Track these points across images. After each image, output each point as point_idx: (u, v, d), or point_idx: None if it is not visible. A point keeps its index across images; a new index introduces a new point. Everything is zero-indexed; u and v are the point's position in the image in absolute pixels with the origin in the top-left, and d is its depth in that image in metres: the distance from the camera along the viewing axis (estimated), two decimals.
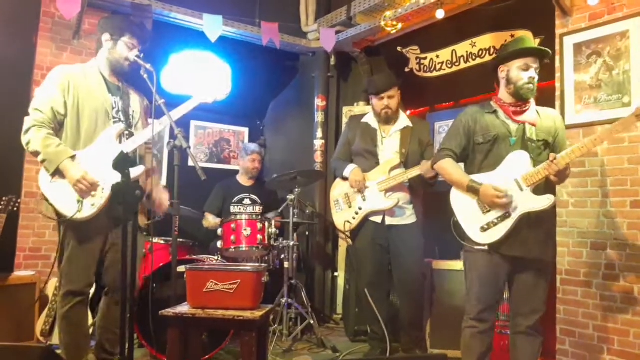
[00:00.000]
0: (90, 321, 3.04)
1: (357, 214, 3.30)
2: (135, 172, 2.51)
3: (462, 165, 2.54)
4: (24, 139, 2.43)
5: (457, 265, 3.30)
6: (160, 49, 4.32)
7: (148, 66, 2.53)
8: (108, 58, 2.61)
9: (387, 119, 3.31)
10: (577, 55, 3.07)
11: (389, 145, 3.31)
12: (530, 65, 2.36)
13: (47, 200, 2.43)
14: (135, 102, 2.73)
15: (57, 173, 2.40)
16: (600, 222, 2.89)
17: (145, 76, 2.54)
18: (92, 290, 2.70)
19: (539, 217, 2.32)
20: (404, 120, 3.35)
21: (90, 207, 2.42)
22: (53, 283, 3.36)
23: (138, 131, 2.68)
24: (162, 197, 2.70)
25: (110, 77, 2.64)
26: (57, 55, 3.81)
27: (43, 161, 2.40)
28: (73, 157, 2.41)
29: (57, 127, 2.48)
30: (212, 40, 4.01)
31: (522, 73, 2.36)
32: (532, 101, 2.45)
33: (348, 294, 3.97)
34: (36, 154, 2.42)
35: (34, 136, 2.40)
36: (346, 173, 3.34)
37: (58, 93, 2.46)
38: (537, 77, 2.38)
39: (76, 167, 2.39)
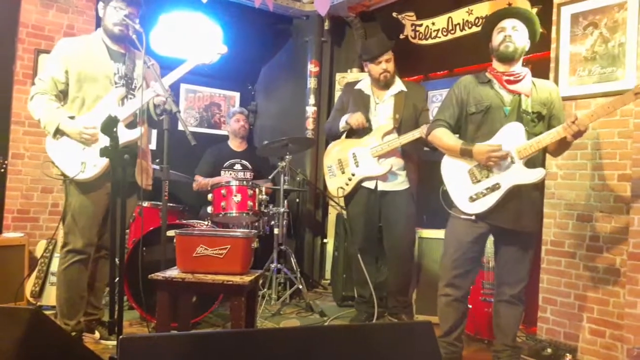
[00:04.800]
0: None
1: (350, 179, 3.31)
2: (131, 135, 2.51)
3: (457, 136, 2.54)
4: (30, 108, 2.57)
5: (443, 234, 3.33)
6: (150, 9, 4.17)
7: (137, 26, 2.50)
8: (104, 27, 2.65)
9: (387, 83, 3.27)
10: (574, 26, 3.03)
11: (383, 110, 3.28)
12: (504, 27, 2.39)
13: (52, 162, 2.53)
14: (139, 66, 2.72)
15: (58, 134, 2.51)
16: (587, 195, 2.92)
17: (134, 37, 2.50)
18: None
19: (527, 188, 2.34)
20: (398, 84, 3.31)
21: (92, 168, 2.49)
22: (42, 245, 3.36)
23: (138, 93, 2.67)
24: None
25: (112, 45, 2.66)
26: (43, 12, 3.69)
27: (44, 126, 2.51)
28: (72, 118, 2.52)
29: (60, 95, 2.58)
30: (204, 0, 3.89)
31: (497, 35, 2.40)
32: (528, 72, 2.43)
33: (336, 260, 4.03)
34: (39, 121, 2.53)
35: (36, 103, 2.53)
36: (343, 122, 3.28)
37: (59, 63, 2.57)
38: (515, 36, 2.38)
39: (75, 122, 2.51)
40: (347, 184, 3.31)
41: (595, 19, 2.94)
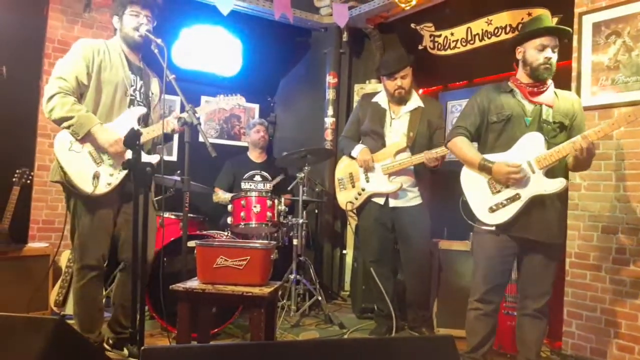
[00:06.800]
0: (103, 293, 3.11)
1: (359, 194, 3.30)
2: (151, 160, 2.54)
3: (476, 144, 2.52)
4: (47, 106, 2.43)
5: (464, 245, 3.30)
6: (172, 23, 4.28)
7: (159, 41, 2.51)
8: (122, 36, 2.62)
9: (401, 99, 3.26)
10: (596, 35, 2.99)
11: (398, 126, 3.27)
12: (546, 45, 2.31)
13: (61, 167, 2.44)
14: (155, 85, 2.74)
15: (85, 138, 2.43)
16: (612, 206, 2.86)
17: (156, 51, 2.53)
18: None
19: (550, 199, 2.31)
20: (415, 100, 3.30)
21: (105, 186, 2.46)
22: (66, 255, 3.42)
23: (155, 114, 2.69)
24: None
25: (130, 55, 2.64)
26: (68, 28, 3.80)
27: (70, 126, 2.41)
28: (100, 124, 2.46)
29: (79, 98, 2.50)
30: (224, 14, 3.96)
31: (537, 54, 2.32)
32: (551, 82, 2.40)
33: (356, 271, 4.00)
34: (63, 120, 2.41)
35: (60, 102, 2.41)
36: (354, 153, 3.32)
37: (82, 64, 2.48)
38: (554, 57, 2.33)
39: (109, 131, 2.45)
40: (356, 199, 3.31)
41: (617, 28, 2.89)
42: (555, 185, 2.27)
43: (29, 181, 3.43)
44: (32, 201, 3.68)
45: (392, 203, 3.24)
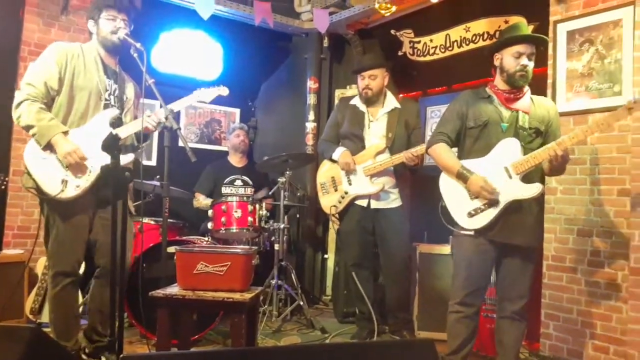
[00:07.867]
0: (80, 300, 3.05)
1: (343, 197, 3.32)
2: (125, 159, 2.50)
3: (456, 150, 2.55)
4: (15, 113, 2.41)
5: (444, 249, 3.33)
6: (151, 27, 4.25)
7: (138, 45, 2.49)
8: (99, 40, 2.58)
9: (368, 100, 3.30)
10: (570, 42, 3.07)
11: (376, 128, 3.30)
12: (523, 53, 2.36)
13: (29, 173, 2.42)
14: (130, 89, 2.70)
15: (48, 147, 2.39)
16: (587, 210, 2.93)
17: (135, 55, 2.50)
18: (81, 270, 2.70)
19: (527, 203, 2.35)
20: (392, 102, 3.34)
21: (74, 189, 2.41)
22: (42, 261, 3.36)
23: (127, 118, 2.65)
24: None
25: (106, 59, 2.60)
26: (45, 31, 3.73)
27: (34, 135, 2.39)
28: (65, 133, 2.41)
29: (50, 102, 2.46)
30: (205, 18, 3.94)
31: (514, 61, 2.36)
32: (527, 89, 2.45)
33: (337, 276, 4.01)
34: (28, 127, 2.40)
35: (26, 110, 2.38)
36: (335, 155, 3.34)
37: (54, 68, 2.44)
38: (531, 65, 2.38)
39: (68, 141, 2.40)
40: (339, 202, 3.33)
41: (591, 36, 2.98)
42: (532, 190, 2.31)
43: (3, 187, 3.35)
44: (7, 207, 3.60)
45: (374, 205, 3.26)
